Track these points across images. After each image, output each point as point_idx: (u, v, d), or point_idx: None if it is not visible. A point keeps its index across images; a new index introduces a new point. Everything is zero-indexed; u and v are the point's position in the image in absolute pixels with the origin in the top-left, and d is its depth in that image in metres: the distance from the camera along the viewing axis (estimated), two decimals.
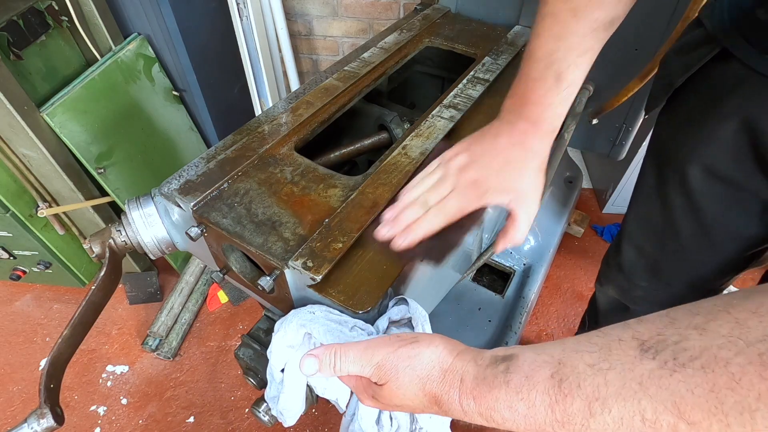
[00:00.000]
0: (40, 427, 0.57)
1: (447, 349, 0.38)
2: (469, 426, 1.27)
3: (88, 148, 1.27)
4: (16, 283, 1.53)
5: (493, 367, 0.34)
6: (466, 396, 0.35)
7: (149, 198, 0.65)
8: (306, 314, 0.52)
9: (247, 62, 1.61)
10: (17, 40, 1.13)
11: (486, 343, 1.19)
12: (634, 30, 1.01)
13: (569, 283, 1.62)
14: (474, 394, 0.34)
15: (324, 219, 0.59)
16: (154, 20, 1.37)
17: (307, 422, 1.30)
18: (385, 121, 0.87)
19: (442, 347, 0.38)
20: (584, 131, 1.22)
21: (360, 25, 1.74)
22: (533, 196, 0.55)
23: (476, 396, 0.34)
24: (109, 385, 1.41)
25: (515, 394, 0.32)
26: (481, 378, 0.34)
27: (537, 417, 0.31)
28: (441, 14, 1.11)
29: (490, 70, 0.89)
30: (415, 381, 0.38)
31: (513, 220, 0.55)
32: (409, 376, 0.38)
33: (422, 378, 0.37)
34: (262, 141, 0.71)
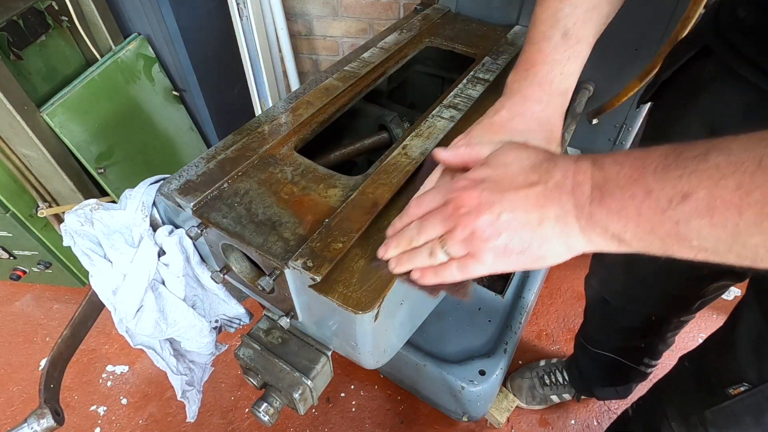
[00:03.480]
0: (40, 427, 0.58)
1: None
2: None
3: (88, 148, 1.27)
4: (16, 283, 1.53)
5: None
6: (583, 159, 0.35)
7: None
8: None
9: (247, 62, 1.61)
10: (17, 40, 1.13)
11: (486, 343, 1.19)
12: (634, 30, 1.01)
13: (569, 283, 1.62)
14: (594, 156, 0.35)
15: (324, 219, 0.59)
16: (154, 20, 1.37)
17: (307, 422, 1.30)
18: (385, 121, 0.87)
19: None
20: (584, 131, 1.21)
21: (360, 25, 1.74)
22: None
23: (596, 157, 0.34)
24: (109, 385, 1.41)
25: (639, 149, 0.33)
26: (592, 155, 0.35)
27: (647, 159, 0.31)
28: (441, 14, 1.11)
29: (490, 70, 0.89)
30: (525, 162, 0.38)
31: None
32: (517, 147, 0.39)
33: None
34: (262, 141, 0.71)
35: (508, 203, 0.37)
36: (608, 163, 0.34)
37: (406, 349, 1.14)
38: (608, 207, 0.33)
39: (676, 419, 0.72)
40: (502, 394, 1.28)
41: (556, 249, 0.37)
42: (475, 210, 0.38)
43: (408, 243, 0.44)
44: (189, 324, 0.69)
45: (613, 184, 0.32)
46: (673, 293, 0.81)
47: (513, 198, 0.37)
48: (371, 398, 1.34)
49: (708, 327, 1.48)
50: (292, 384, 0.66)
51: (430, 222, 0.42)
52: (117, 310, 0.63)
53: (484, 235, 0.37)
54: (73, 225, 0.61)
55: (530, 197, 0.36)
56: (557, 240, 0.36)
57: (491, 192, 0.38)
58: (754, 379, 0.58)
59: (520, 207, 0.36)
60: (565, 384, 1.27)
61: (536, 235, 0.36)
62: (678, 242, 0.30)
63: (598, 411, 1.31)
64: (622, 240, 0.33)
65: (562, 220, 0.35)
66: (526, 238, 0.36)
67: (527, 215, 0.36)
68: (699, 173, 0.28)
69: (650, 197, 0.30)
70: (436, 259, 0.41)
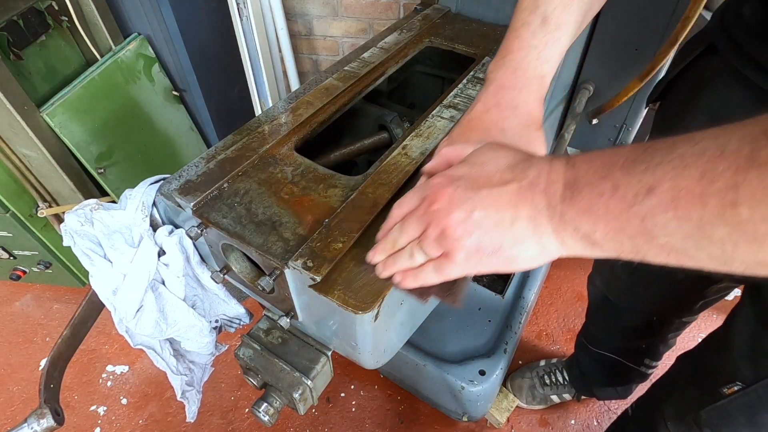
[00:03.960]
0: (40, 427, 0.58)
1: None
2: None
3: (88, 148, 1.27)
4: (16, 283, 1.53)
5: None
6: (558, 159, 0.35)
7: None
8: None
9: (247, 62, 1.61)
10: (17, 40, 1.13)
11: (486, 343, 1.19)
12: (634, 30, 1.01)
13: (569, 283, 1.62)
14: (568, 157, 0.34)
15: (324, 219, 0.59)
16: (154, 20, 1.37)
17: (307, 422, 1.30)
18: (385, 121, 0.87)
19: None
20: (584, 131, 1.21)
21: (360, 25, 1.74)
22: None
23: (570, 157, 0.34)
24: (109, 385, 1.41)
25: (613, 148, 0.32)
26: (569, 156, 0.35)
27: (617, 155, 0.30)
28: (441, 14, 1.11)
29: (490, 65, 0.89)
30: (501, 160, 0.38)
31: None
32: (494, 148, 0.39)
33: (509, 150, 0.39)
34: (262, 141, 0.71)
35: (480, 201, 0.36)
36: (580, 160, 0.33)
37: (406, 349, 1.14)
38: (578, 205, 0.32)
39: (673, 419, 0.72)
40: (502, 394, 1.28)
41: (529, 251, 0.36)
42: (447, 207, 0.37)
43: (392, 246, 0.43)
44: (189, 324, 0.69)
45: (583, 181, 0.32)
46: (676, 294, 0.81)
47: (486, 195, 0.36)
48: (371, 398, 1.34)
49: (709, 328, 1.48)
50: (292, 384, 0.66)
51: (409, 222, 0.41)
52: (117, 310, 0.63)
53: (456, 233, 0.36)
54: (73, 225, 0.61)
55: (503, 195, 0.36)
56: (530, 241, 0.35)
57: (465, 189, 0.37)
58: (747, 379, 0.58)
59: (492, 205, 0.36)
60: (566, 384, 1.27)
61: (509, 236, 0.35)
62: (647, 241, 0.29)
63: (598, 411, 1.31)
64: (593, 242, 0.32)
65: (535, 220, 0.35)
66: (498, 238, 0.36)
67: (499, 214, 0.35)
68: (664, 165, 0.27)
69: (617, 193, 0.29)
70: (416, 261, 0.40)
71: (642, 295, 0.85)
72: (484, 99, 0.50)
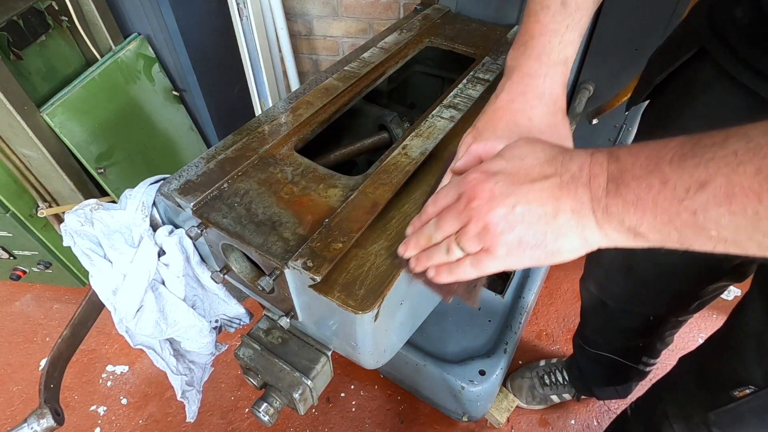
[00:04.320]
0: (40, 427, 0.58)
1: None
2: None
3: (88, 148, 1.27)
4: (16, 283, 1.53)
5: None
6: (599, 152, 0.34)
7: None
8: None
9: (247, 62, 1.61)
10: (17, 40, 1.13)
11: (486, 343, 1.19)
12: (634, 30, 1.01)
13: (569, 283, 1.62)
14: (610, 150, 0.34)
15: (324, 219, 0.59)
16: (154, 20, 1.37)
17: (307, 422, 1.30)
18: (385, 121, 0.87)
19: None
20: (584, 131, 1.21)
21: (360, 25, 1.74)
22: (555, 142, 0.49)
23: (612, 150, 0.34)
24: (109, 385, 1.41)
25: (654, 141, 0.32)
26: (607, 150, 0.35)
27: (664, 149, 0.30)
28: (441, 14, 1.11)
29: (490, 70, 0.89)
30: (540, 154, 0.38)
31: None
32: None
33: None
34: (262, 141, 0.71)
35: (522, 196, 0.36)
36: (623, 154, 0.33)
37: (406, 349, 1.14)
38: (624, 198, 0.32)
39: (678, 420, 0.72)
40: (502, 394, 1.28)
41: (572, 243, 0.36)
42: (488, 203, 0.37)
43: (427, 241, 0.43)
44: (189, 324, 0.69)
45: (629, 175, 0.32)
46: (673, 294, 0.81)
47: (528, 190, 0.36)
48: (371, 398, 1.34)
49: (707, 327, 1.48)
50: (292, 384, 0.66)
51: (446, 218, 0.41)
52: (117, 310, 0.63)
53: (498, 229, 0.36)
54: (73, 225, 0.61)
55: (545, 189, 0.35)
56: (573, 234, 0.35)
57: (505, 184, 0.37)
58: (759, 381, 0.57)
59: (535, 199, 0.35)
60: (565, 384, 1.27)
61: (551, 229, 0.35)
62: (696, 233, 0.29)
63: (598, 411, 1.31)
64: (638, 233, 0.32)
65: (578, 212, 0.35)
66: (541, 231, 0.36)
67: (542, 208, 0.35)
68: (716, 160, 0.27)
69: (666, 187, 0.29)
70: (453, 256, 0.40)
71: (639, 297, 0.85)
72: (509, 88, 0.49)
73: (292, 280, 0.56)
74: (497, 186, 0.37)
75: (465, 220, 0.39)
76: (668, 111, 0.64)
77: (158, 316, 0.65)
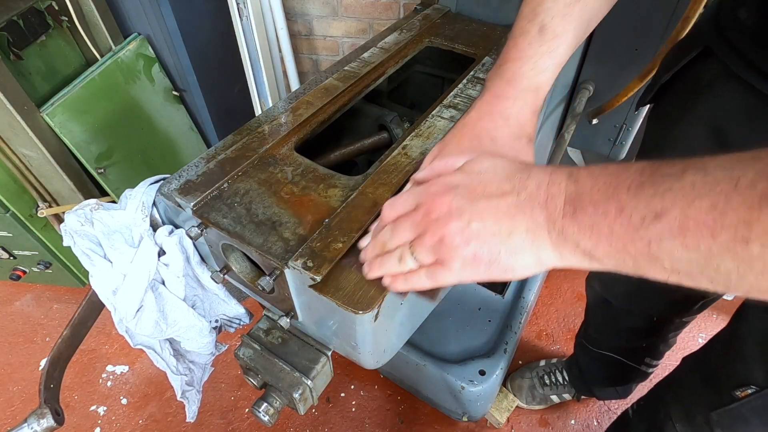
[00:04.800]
0: (40, 427, 0.58)
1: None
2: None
3: (88, 148, 1.27)
4: (16, 283, 1.53)
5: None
6: (558, 171, 0.35)
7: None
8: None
9: (247, 62, 1.61)
10: (17, 40, 1.13)
11: (486, 343, 1.19)
12: (634, 30, 1.01)
13: (569, 283, 1.62)
14: (569, 169, 0.34)
15: (324, 219, 0.59)
16: (154, 20, 1.37)
17: (307, 422, 1.30)
18: (385, 121, 0.87)
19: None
20: (584, 131, 1.21)
21: (360, 25, 1.74)
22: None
23: (571, 169, 0.34)
24: (109, 385, 1.41)
25: (615, 163, 0.32)
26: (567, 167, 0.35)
27: (622, 175, 0.30)
28: (441, 14, 1.11)
29: (490, 69, 0.89)
30: (499, 169, 0.38)
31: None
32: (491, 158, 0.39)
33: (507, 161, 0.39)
34: (262, 141, 0.71)
35: (478, 212, 0.36)
36: (583, 176, 0.33)
37: (406, 349, 1.14)
38: (580, 222, 0.32)
39: (681, 420, 0.72)
40: (502, 394, 1.28)
41: (525, 261, 0.36)
42: (445, 216, 0.37)
43: (381, 247, 0.43)
44: (189, 324, 0.69)
45: (587, 198, 0.32)
46: (677, 294, 0.81)
47: (484, 206, 0.36)
48: (371, 398, 1.34)
49: (708, 327, 1.48)
50: (292, 384, 0.66)
51: (402, 226, 0.41)
52: (117, 310, 0.63)
53: (453, 243, 0.36)
54: (73, 225, 0.61)
55: (501, 207, 0.36)
56: (527, 252, 0.35)
57: (463, 199, 0.37)
58: (761, 381, 0.57)
59: (490, 216, 0.36)
60: (565, 384, 1.27)
61: (506, 246, 0.36)
62: (650, 263, 0.29)
63: (598, 411, 1.31)
64: (593, 257, 0.32)
65: (533, 232, 0.35)
66: (495, 248, 0.36)
67: (497, 225, 0.35)
68: (673, 192, 0.27)
69: (623, 215, 0.29)
70: (406, 265, 0.40)
71: (642, 297, 0.85)
72: (479, 107, 0.50)
73: (292, 280, 0.56)
74: (455, 200, 0.37)
75: (420, 231, 0.39)
76: (673, 111, 0.65)
77: (158, 316, 0.65)
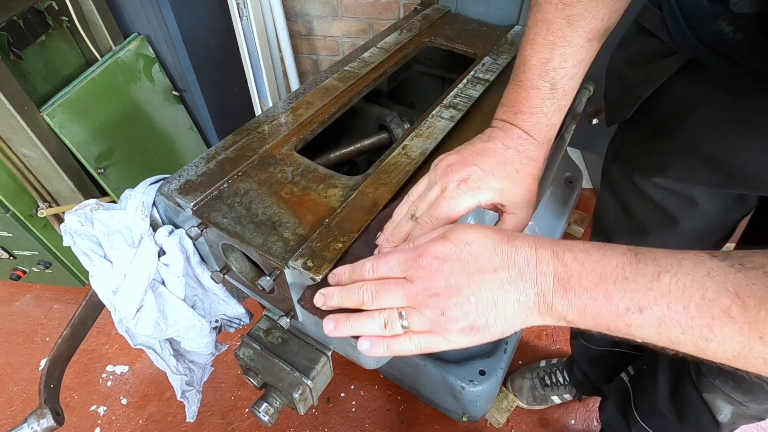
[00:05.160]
0: (40, 427, 0.58)
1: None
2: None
3: (88, 148, 1.27)
4: (16, 283, 1.53)
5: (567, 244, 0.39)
6: (542, 248, 0.38)
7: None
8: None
9: (247, 62, 1.61)
10: (17, 40, 1.13)
11: (486, 343, 1.19)
12: None
13: None
14: (552, 248, 0.38)
15: (324, 219, 0.59)
16: (154, 20, 1.37)
17: (307, 422, 1.30)
18: (385, 121, 0.87)
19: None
20: (584, 131, 1.22)
21: (360, 25, 1.74)
22: (526, 204, 0.53)
23: (554, 248, 0.38)
24: (109, 385, 1.41)
25: (593, 247, 0.37)
26: (556, 243, 0.39)
27: (607, 266, 0.35)
28: (441, 14, 1.11)
29: (490, 70, 0.89)
30: (486, 241, 0.40)
31: (502, 225, 0.53)
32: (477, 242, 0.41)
33: (492, 243, 0.40)
34: (262, 141, 0.71)
35: (476, 287, 0.39)
36: (569, 259, 0.37)
37: None
38: (570, 302, 0.36)
39: (720, 375, 0.73)
40: (502, 394, 1.28)
41: (514, 327, 0.40)
42: (445, 293, 0.39)
43: (356, 304, 0.43)
44: (189, 324, 0.69)
45: (576, 281, 0.36)
46: None
47: (480, 282, 0.39)
48: (371, 398, 1.34)
49: None
50: (292, 384, 0.66)
51: (390, 291, 0.41)
52: (117, 310, 0.63)
53: (454, 317, 0.39)
54: (73, 225, 0.61)
55: (495, 281, 0.39)
56: (517, 320, 0.39)
57: (459, 275, 0.39)
58: None
59: (486, 290, 0.39)
60: (566, 384, 1.27)
61: (499, 316, 0.39)
62: (627, 336, 0.35)
63: (598, 411, 1.31)
64: (573, 324, 0.38)
65: (524, 304, 0.38)
66: (491, 318, 0.39)
67: (493, 297, 0.39)
68: (654, 292, 0.33)
69: (610, 302, 0.35)
70: (391, 330, 0.41)
71: None
72: (504, 138, 0.52)
73: (293, 280, 0.56)
74: (452, 276, 0.39)
75: (417, 303, 0.40)
76: (659, 127, 0.63)
77: (158, 316, 0.65)
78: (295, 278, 0.56)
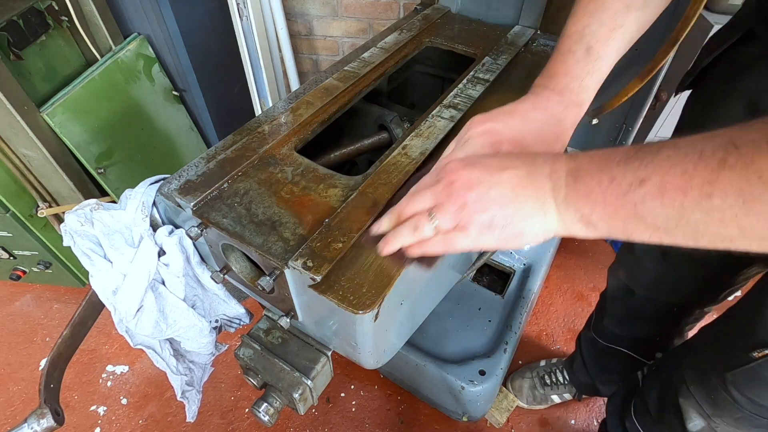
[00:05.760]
0: (40, 427, 0.58)
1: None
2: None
3: (88, 148, 1.27)
4: (16, 283, 1.53)
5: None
6: (557, 153, 0.41)
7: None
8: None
9: (247, 62, 1.61)
10: (17, 40, 1.13)
11: (486, 343, 1.19)
12: None
13: (569, 283, 1.62)
14: (563, 153, 0.41)
15: (324, 219, 0.59)
16: (154, 20, 1.37)
17: (307, 422, 1.30)
18: (385, 121, 0.87)
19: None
20: (584, 131, 1.22)
21: (360, 25, 1.74)
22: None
23: (566, 154, 0.41)
24: (109, 385, 1.41)
25: (604, 148, 0.38)
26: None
27: (612, 155, 0.37)
28: (441, 14, 1.11)
29: (490, 70, 0.89)
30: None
31: None
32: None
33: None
34: (262, 141, 0.71)
35: (496, 181, 0.42)
36: (581, 155, 0.40)
37: (406, 349, 1.14)
38: (578, 190, 0.38)
39: (695, 382, 0.73)
40: (502, 394, 1.28)
41: (534, 225, 0.42)
42: (466, 185, 0.42)
43: (397, 217, 0.47)
44: (189, 324, 0.69)
45: (584, 171, 0.38)
46: (704, 280, 0.82)
47: (500, 177, 0.42)
48: (371, 398, 1.34)
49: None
50: (292, 384, 0.66)
51: (420, 195, 0.45)
52: (117, 310, 0.63)
53: (475, 208, 0.42)
54: (73, 225, 0.61)
55: (514, 178, 0.42)
56: (536, 217, 0.41)
57: (481, 172, 0.43)
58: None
59: (506, 184, 0.42)
60: (566, 384, 1.27)
61: (518, 211, 0.41)
62: (636, 222, 0.36)
63: (598, 411, 1.31)
64: (590, 222, 0.39)
65: (541, 198, 0.41)
66: (510, 213, 0.41)
67: (513, 192, 0.41)
68: (654, 163, 0.34)
69: (613, 183, 0.36)
70: (422, 233, 0.44)
71: (667, 284, 0.86)
72: (534, 101, 0.54)
73: (292, 280, 0.56)
74: (474, 172, 0.43)
75: (442, 199, 0.43)
76: (712, 95, 0.67)
77: (158, 316, 0.65)
78: (295, 278, 0.56)
